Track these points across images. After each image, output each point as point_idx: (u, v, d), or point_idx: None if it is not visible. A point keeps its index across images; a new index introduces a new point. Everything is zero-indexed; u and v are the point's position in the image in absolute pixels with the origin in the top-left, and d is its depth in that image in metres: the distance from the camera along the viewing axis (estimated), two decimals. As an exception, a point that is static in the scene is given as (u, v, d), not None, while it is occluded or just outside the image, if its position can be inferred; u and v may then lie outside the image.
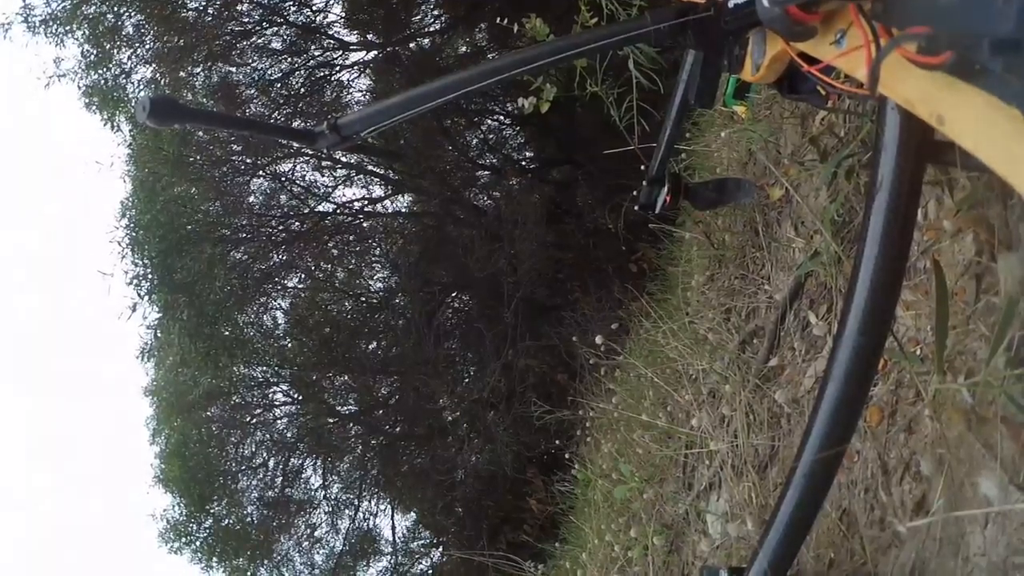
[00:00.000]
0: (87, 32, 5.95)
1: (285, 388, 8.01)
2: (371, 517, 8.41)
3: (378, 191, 8.24)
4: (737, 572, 0.91)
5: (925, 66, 0.57)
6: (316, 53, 7.52)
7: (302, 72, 7.44)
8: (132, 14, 6.08)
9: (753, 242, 1.55)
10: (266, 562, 7.92)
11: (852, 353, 0.73)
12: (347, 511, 8.26)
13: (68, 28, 5.93)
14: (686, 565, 1.48)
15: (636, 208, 1.67)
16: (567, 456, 4.43)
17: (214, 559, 7.62)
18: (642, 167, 1.69)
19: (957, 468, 0.76)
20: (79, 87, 6.29)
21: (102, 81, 6.24)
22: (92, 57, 6.11)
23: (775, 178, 1.56)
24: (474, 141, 8.50)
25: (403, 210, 8.46)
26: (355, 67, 7.69)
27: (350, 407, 8.28)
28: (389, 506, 8.43)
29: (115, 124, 6.53)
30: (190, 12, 6.36)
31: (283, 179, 7.53)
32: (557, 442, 5.06)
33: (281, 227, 7.40)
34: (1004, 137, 0.53)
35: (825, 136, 1.38)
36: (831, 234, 1.22)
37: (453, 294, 8.25)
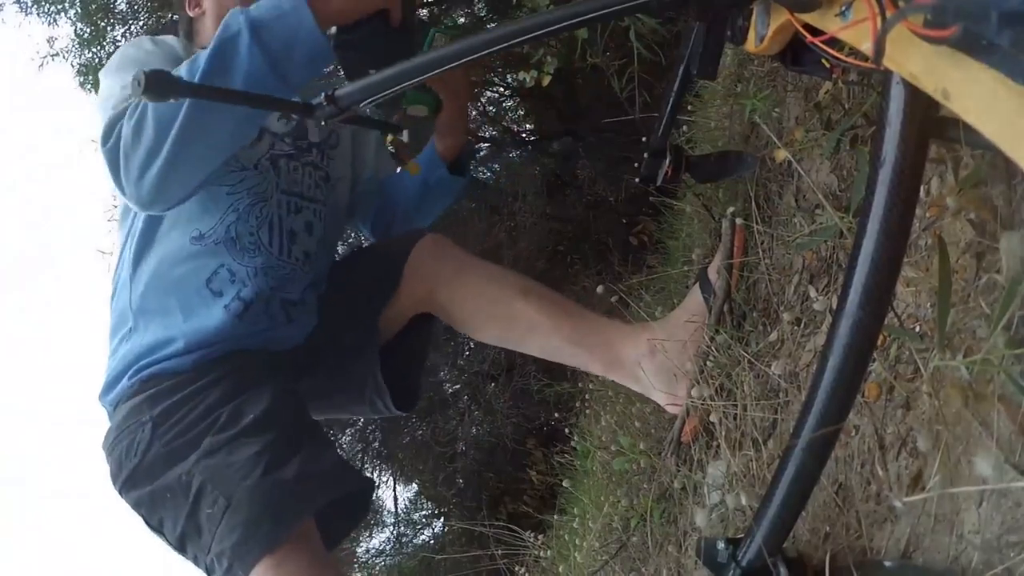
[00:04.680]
0: (79, 10, 5.86)
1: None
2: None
3: (377, 163, 8.18)
4: (734, 543, 0.92)
5: (931, 39, 0.56)
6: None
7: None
8: (125, -9, 5.98)
9: (753, 215, 1.54)
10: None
11: (852, 328, 0.72)
12: (349, 482, 8.33)
13: (60, 7, 5.84)
14: (683, 536, 1.50)
15: (638, 180, 1.66)
16: (566, 428, 4.45)
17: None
18: (643, 139, 1.67)
19: (954, 445, 0.76)
20: (72, 66, 6.21)
21: (96, 60, 6.15)
22: (86, 35, 6.02)
23: (777, 147, 1.54)
24: (473, 113, 8.40)
25: (402, 182, 8.39)
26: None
27: (351, 380, 8.31)
28: (391, 478, 8.51)
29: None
30: (184, -14, 6.25)
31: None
32: (556, 414, 5.09)
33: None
34: (1009, 114, 0.52)
35: (829, 108, 1.36)
36: (832, 208, 1.21)
37: (453, 267, 8.22)
